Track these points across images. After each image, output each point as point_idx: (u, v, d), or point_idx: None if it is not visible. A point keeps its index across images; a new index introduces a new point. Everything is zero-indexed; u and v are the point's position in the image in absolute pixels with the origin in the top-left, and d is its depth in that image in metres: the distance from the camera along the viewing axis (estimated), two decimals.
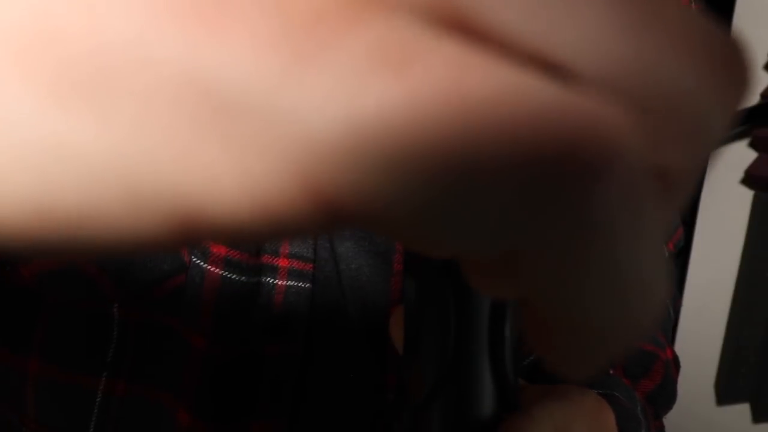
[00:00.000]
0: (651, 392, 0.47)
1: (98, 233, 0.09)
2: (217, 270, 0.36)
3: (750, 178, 1.00)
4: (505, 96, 0.09)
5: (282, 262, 0.38)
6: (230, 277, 0.37)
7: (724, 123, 0.11)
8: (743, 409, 1.02)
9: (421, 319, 0.23)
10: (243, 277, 0.37)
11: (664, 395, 0.48)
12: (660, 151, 0.10)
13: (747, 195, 1.01)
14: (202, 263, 0.36)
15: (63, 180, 0.09)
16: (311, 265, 0.38)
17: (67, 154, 0.09)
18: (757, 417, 1.00)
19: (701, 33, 0.10)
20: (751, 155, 1.00)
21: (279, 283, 0.38)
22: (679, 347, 0.59)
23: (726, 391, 1.01)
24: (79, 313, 0.37)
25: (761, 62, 0.96)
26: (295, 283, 0.38)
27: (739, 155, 1.00)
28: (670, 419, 0.52)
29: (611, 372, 0.45)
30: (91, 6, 0.09)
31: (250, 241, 0.10)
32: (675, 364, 0.52)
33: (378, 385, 0.40)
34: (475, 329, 0.23)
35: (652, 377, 0.47)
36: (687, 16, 0.10)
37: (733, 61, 0.11)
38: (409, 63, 0.09)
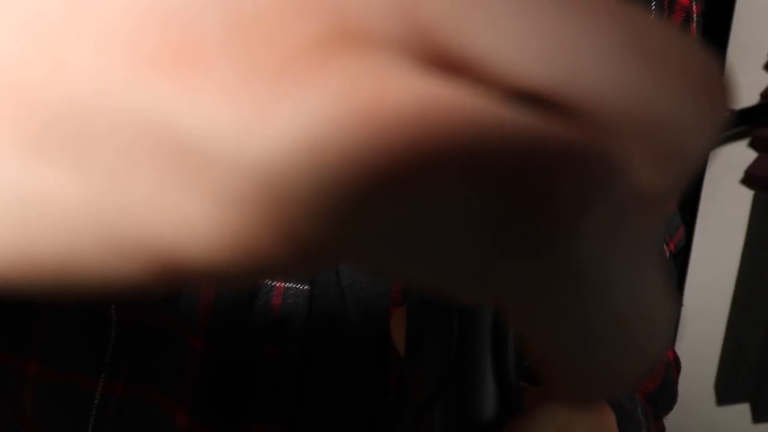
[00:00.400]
0: (651, 393, 0.47)
1: (82, 279, 0.09)
2: None
3: (750, 178, 1.00)
4: (483, 135, 0.08)
5: None
6: None
7: (704, 147, 0.10)
8: (743, 409, 1.02)
9: (423, 319, 0.23)
10: None
11: (665, 396, 0.48)
12: (640, 175, 0.10)
13: (747, 195, 1.01)
14: None
15: (41, 227, 0.09)
16: None
17: (40, 201, 0.09)
18: (757, 417, 1.00)
19: (685, 59, 0.10)
20: (751, 155, 1.00)
21: (277, 284, 0.38)
22: (679, 347, 0.59)
23: (726, 391, 1.01)
24: (77, 314, 0.37)
25: (761, 62, 0.96)
26: (294, 285, 0.38)
27: (739, 155, 1.00)
28: (670, 419, 0.51)
29: None
30: (60, 56, 0.09)
31: (237, 282, 0.10)
32: (676, 364, 0.52)
33: (378, 387, 0.40)
34: (477, 330, 0.22)
35: (653, 378, 0.47)
36: (672, 40, 0.10)
37: (715, 86, 0.10)
38: (375, 110, 0.08)
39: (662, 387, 0.48)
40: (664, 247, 0.56)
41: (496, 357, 0.22)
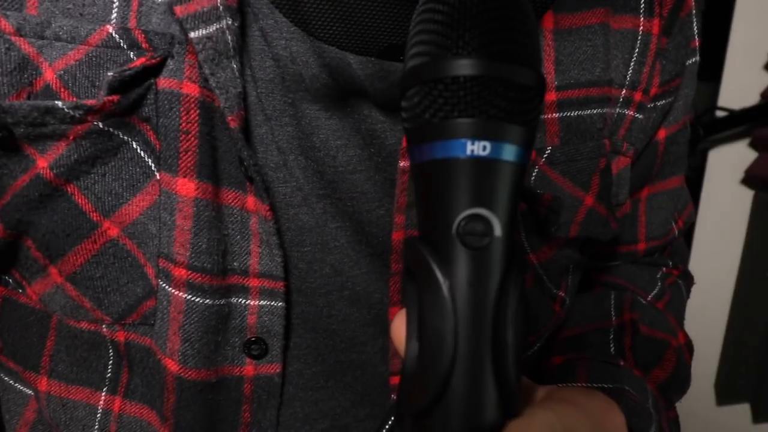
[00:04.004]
0: (663, 382, 0.45)
1: None
2: (181, 293, 0.35)
3: (750, 178, 1.00)
4: None
5: (252, 282, 0.37)
6: (194, 300, 0.36)
7: None
8: (743, 409, 1.02)
9: (422, 323, 0.23)
10: (207, 300, 0.36)
11: (677, 382, 0.46)
12: None
13: (747, 195, 1.01)
14: (167, 287, 0.36)
15: None
16: (282, 284, 0.37)
17: None
18: (757, 417, 1.01)
19: None
20: (751, 155, 1.00)
21: (251, 303, 0.37)
22: None
23: (726, 391, 1.01)
24: (81, 332, 0.38)
25: (761, 62, 0.96)
26: (268, 303, 0.37)
27: (739, 155, 1.00)
28: None
29: (621, 363, 0.44)
30: None
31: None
32: (688, 348, 0.49)
33: (373, 393, 0.40)
34: (477, 335, 0.22)
35: (664, 366, 0.46)
36: None
37: None
38: None
39: (673, 374, 0.46)
40: (673, 224, 0.52)
41: (496, 362, 0.22)
